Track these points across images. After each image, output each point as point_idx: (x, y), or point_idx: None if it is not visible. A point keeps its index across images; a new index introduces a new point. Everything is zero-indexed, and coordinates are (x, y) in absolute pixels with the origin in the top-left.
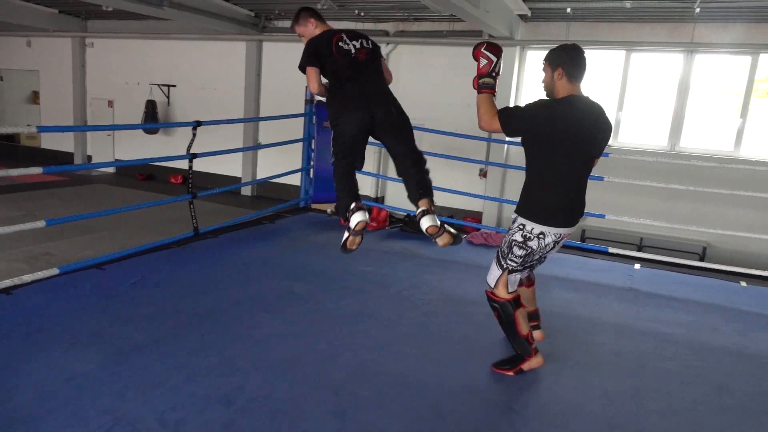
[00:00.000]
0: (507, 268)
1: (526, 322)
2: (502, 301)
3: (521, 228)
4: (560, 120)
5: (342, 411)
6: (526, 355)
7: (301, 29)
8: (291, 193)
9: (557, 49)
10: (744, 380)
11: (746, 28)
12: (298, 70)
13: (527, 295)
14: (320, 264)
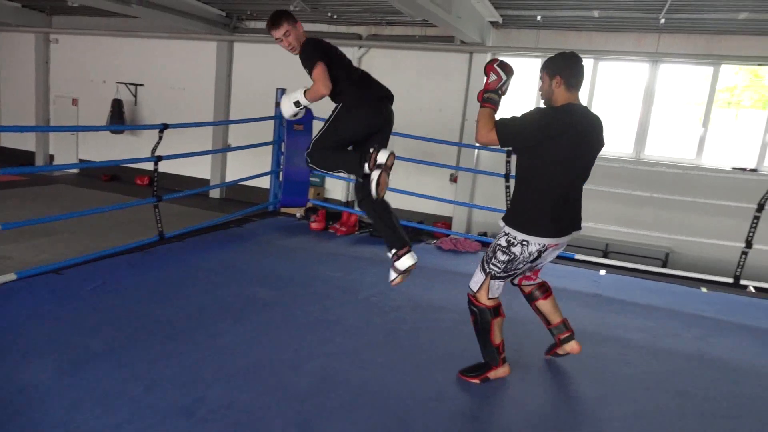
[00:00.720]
0: (489, 272)
1: (500, 332)
2: (482, 307)
3: (506, 234)
4: (556, 128)
5: (306, 421)
6: (493, 364)
7: (292, 29)
8: (260, 196)
9: (555, 58)
10: (704, 385)
11: (708, 39)
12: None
13: (547, 307)
14: (288, 269)
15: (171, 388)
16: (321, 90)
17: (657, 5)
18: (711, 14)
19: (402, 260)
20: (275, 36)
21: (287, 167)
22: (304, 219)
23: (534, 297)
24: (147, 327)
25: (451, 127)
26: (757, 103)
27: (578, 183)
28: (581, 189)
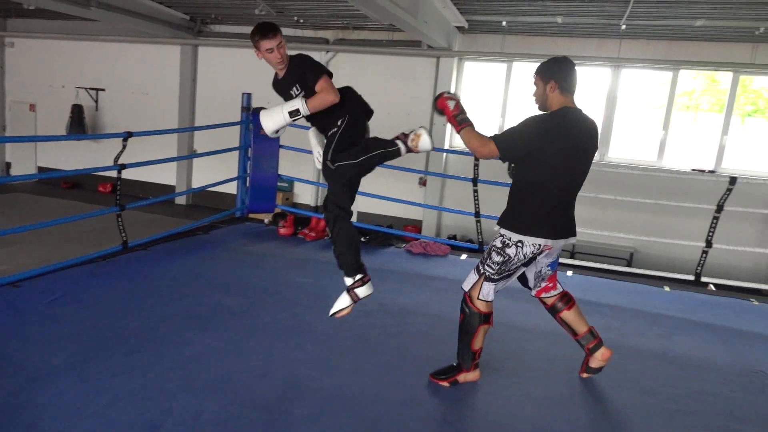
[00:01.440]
0: (483, 273)
1: (483, 340)
2: (474, 310)
3: (501, 235)
4: (553, 133)
5: (276, 431)
6: (464, 368)
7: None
8: (227, 202)
9: (549, 63)
10: (668, 383)
11: (667, 45)
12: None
13: (571, 317)
14: (256, 276)
15: (135, 401)
16: (331, 98)
17: (618, 12)
18: (669, 21)
19: (364, 288)
20: (268, 46)
21: (254, 172)
22: (273, 225)
23: (557, 309)
24: (110, 339)
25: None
26: (714, 107)
27: (574, 187)
28: (576, 194)
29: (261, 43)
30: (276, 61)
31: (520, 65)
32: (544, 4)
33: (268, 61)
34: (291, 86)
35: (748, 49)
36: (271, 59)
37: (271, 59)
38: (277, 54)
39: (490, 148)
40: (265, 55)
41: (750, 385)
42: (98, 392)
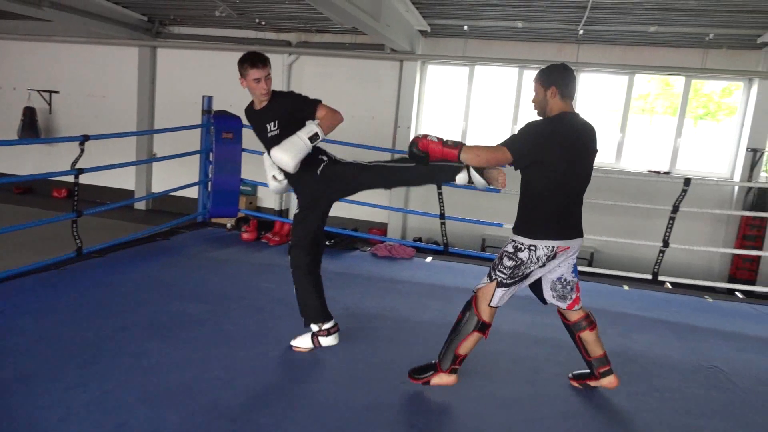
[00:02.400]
0: (495, 278)
1: (471, 348)
2: (475, 315)
3: (512, 241)
4: (559, 135)
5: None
6: (441, 368)
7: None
8: (189, 206)
9: (548, 69)
10: (628, 381)
11: (623, 50)
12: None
13: (591, 338)
14: (219, 282)
15: (91, 415)
16: (340, 117)
17: (576, 17)
18: (624, 26)
19: (329, 338)
20: (256, 75)
21: (216, 176)
22: (235, 229)
23: (581, 327)
24: (63, 351)
25: (384, 134)
26: (668, 110)
27: (579, 190)
28: (582, 196)
29: (250, 72)
30: (261, 92)
31: (482, 69)
32: (504, 9)
33: (252, 90)
34: (269, 121)
35: (699, 54)
36: (257, 89)
37: (256, 89)
38: (264, 85)
39: (503, 153)
40: (250, 84)
41: (705, 381)
42: (50, 407)
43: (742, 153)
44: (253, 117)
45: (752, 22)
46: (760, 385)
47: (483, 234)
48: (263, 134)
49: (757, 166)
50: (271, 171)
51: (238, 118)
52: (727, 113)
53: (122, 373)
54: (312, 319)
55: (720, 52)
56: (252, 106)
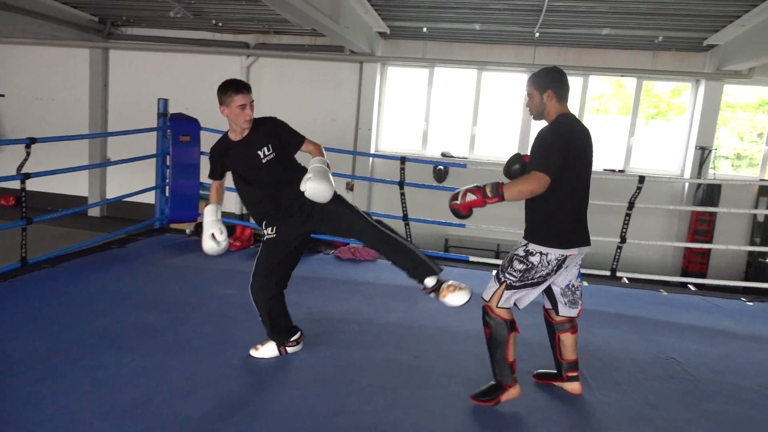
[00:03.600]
0: (504, 281)
1: (514, 349)
2: (498, 319)
3: (523, 245)
4: (571, 140)
5: None
6: (506, 384)
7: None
8: (146, 212)
9: (542, 73)
10: (590, 375)
11: (578, 52)
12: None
13: (570, 341)
14: (178, 290)
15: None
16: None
17: (531, 20)
18: (579, 29)
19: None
20: (241, 102)
21: (174, 181)
22: (195, 235)
23: (563, 328)
24: (13, 367)
25: (345, 137)
26: (621, 110)
27: (587, 192)
28: (588, 199)
29: (235, 98)
30: (246, 120)
31: (441, 70)
32: (462, 11)
33: (236, 118)
34: (260, 146)
35: (649, 56)
36: (241, 117)
37: (240, 117)
38: (249, 111)
39: (541, 181)
40: (233, 112)
41: (663, 372)
42: (2, 427)
43: (691, 151)
44: (234, 149)
45: (699, 26)
46: (714, 375)
47: (446, 234)
48: (252, 162)
49: (705, 163)
50: (210, 228)
51: (195, 120)
52: (676, 113)
53: (77, 387)
54: (279, 341)
55: (669, 54)
56: (227, 140)
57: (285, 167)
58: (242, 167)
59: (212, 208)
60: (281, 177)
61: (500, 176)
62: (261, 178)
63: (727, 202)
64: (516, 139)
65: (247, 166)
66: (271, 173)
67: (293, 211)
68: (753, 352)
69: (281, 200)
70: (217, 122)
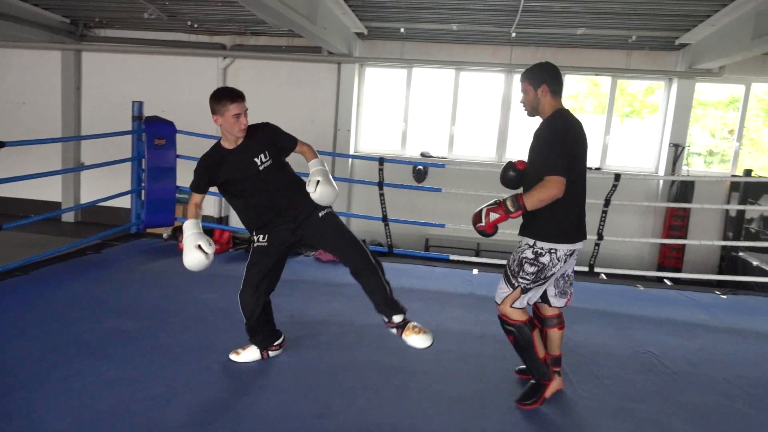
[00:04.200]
0: (519, 286)
1: (542, 344)
2: (518, 324)
3: (530, 245)
4: (573, 135)
5: None
6: (545, 380)
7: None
8: (121, 217)
9: (536, 68)
10: (570, 371)
11: (554, 51)
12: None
13: (556, 337)
14: (156, 295)
15: None
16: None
17: (508, 21)
18: (554, 29)
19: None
20: (236, 111)
21: (149, 184)
22: (172, 239)
23: (551, 324)
24: None
25: (324, 138)
26: (597, 109)
27: (585, 186)
28: (585, 192)
29: (230, 107)
30: (241, 128)
31: (419, 71)
32: (439, 11)
33: (230, 127)
34: (257, 153)
35: (623, 55)
36: (236, 125)
37: (235, 126)
38: (244, 120)
39: (560, 185)
40: (228, 121)
41: (641, 366)
42: None
43: (665, 148)
44: (229, 158)
45: (671, 25)
46: (690, 367)
47: (426, 234)
48: (249, 170)
49: (679, 160)
50: (197, 240)
51: (170, 123)
52: (650, 111)
53: (51, 398)
54: (262, 345)
55: (642, 53)
56: (220, 149)
57: (282, 174)
58: (238, 176)
59: (194, 222)
60: (278, 184)
61: (480, 176)
62: (258, 186)
63: (701, 198)
64: (494, 139)
65: (243, 175)
66: (268, 180)
67: (288, 218)
68: (727, 344)
69: (277, 208)
70: (192, 125)
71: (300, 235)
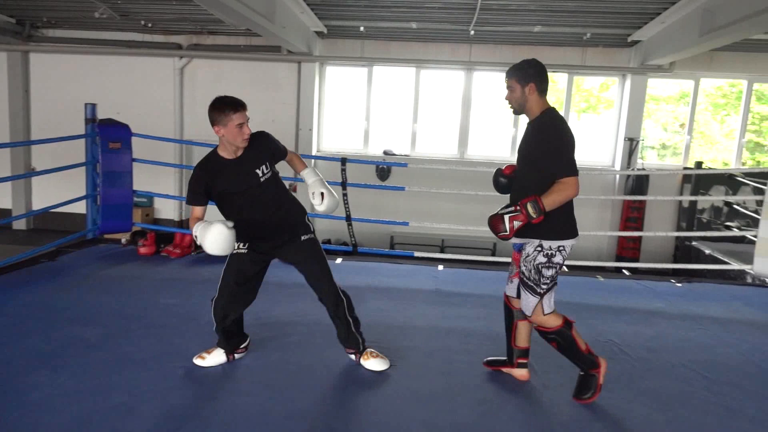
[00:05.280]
0: (542, 292)
1: (581, 337)
2: (558, 329)
3: (539, 249)
4: (570, 133)
5: None
6: (593, 369)
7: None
8: (77, 223)
9: (524, 65)
10: (534, 362)
11: (512, 49)
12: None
13: (525, 330)
14: (116, 302)
15: None
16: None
17: (467, 19)
18: (512, 27)
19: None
20: (240, 120)
21: (105, 189)
22: (131, 244)
23: (521, 316)
24: None
25: (285, 138)
26: (554, 105)
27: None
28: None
29: (232, 117)
30: (244, 138)
31: (380, 69)
32: (399, 10)
33: (233, 137)
34: (258, 165)
35: (579, 52)
36: (239, 136)
37: (238, 136)
38: (247, 129)
39: (575, 185)
40: (231, 132)
41: (603, 353)
42: None
43: (620, 142)
44: (229, 169)
45: (623, 23)
46: (650, 354)
47: (391, 232)
48: (250, 181)
49: (633, 154)
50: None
51: (125, 126)
52: (606, 106)
53: (8, 411)
54: (229, 349)
55: (597, 50)
56: (218, 158)
57: (276, 187)
58: (237, 189)
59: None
60: (274, 199)
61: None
62: (254, 199)
63: (655, 190)
64: (456, 136)
65: (243, 188)
66: (265, 194)
67: (275, 235)
68: (683, 331)
69: (269, 225)
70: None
71: (279, 253)
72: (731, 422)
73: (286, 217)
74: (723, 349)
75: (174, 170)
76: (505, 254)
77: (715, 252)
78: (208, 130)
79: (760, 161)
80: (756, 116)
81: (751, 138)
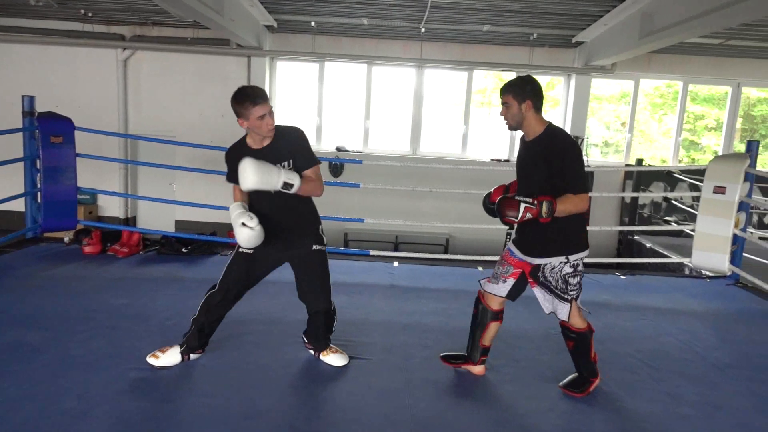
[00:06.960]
0: (571, 298)
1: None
2: (581, 332)
3: (565, 261)
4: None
5: None
6: (592, 378)
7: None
8: (15, 222)
9: (521, 82)
10: (491, 355)
11: (462, 47)
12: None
13: (494, 330)
14: (60, 304)
15: None
16: (320, 191)
17: (417, 16)
18: (461, 25)
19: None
20: (261, 112)
21: (47, 185)
22: (75, 243)
23: (498, 317)
24: None
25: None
26: None
27: None
28: None
29: (253, 110)
30: (268, 129)
31: (332, 65)
32: (350, 5)
33: (257, 128)
34: (282, 159)
35: (526, 52)
36: (263, 126)
37: (262, 126)
38: (270, 120)
39: (587, 200)
40: (254, 123)
41: (554, 346)
42: None
43: None
44: (251, 156)
45: (567, 24)
46: (597, 344)
47: (345, 229)
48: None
49: None
50: (239, 219)
51: (67, 119)
52: (552, 105)
53: None
54: (189, 349)
55: (543, 50)
56: (244, 147)
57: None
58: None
59: (237, 204)
60: (289, 199)
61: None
62: (270, 194)
63: (600, 186)
64: (408, 132)
65: None
66: (281, 191)
67: (285, 237)
68: (628, 321)
69: (280, 224)
70: (92, 121)
71: (288, 257)
72: (676, 408)
73: (297, 220)
74: (666, 339)
75: (119, 166)
76: (459, 250)
77: (655, 246)
78: (154, 123)
79: (695, 159)
80: (691, 116)
81: (686, 136)
